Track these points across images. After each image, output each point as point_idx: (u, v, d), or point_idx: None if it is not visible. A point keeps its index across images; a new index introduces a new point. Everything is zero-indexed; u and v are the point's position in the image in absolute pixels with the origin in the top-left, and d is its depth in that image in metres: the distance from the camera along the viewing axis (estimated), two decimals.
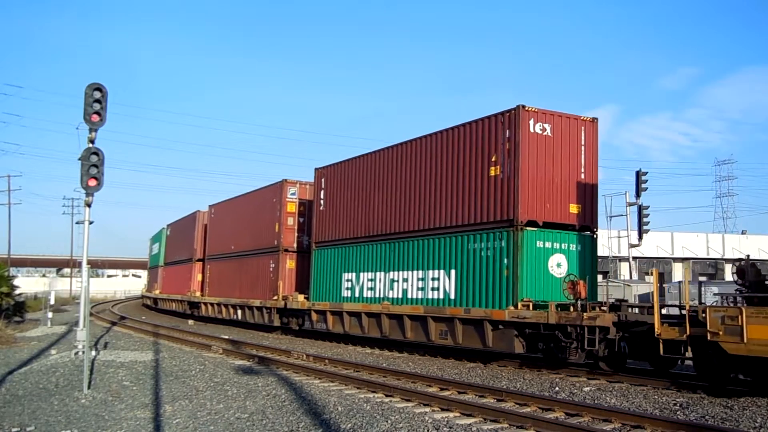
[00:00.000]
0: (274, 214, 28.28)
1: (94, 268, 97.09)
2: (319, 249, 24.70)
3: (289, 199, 27.89)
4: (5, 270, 34.23)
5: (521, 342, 16.09)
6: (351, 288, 22.41)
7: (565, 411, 10.75)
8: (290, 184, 27.96)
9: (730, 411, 10.74)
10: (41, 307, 41.86)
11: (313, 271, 24.83)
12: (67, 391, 13.25)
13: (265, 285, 28.12)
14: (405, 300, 19.83)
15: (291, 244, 27.59)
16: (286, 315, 26.63)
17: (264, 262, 28.64)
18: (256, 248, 29.65)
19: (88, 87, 15.76)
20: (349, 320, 22.07)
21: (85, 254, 16.25)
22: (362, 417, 10.41)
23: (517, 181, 16.44)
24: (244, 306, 30.15)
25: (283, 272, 27.17)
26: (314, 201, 25.53)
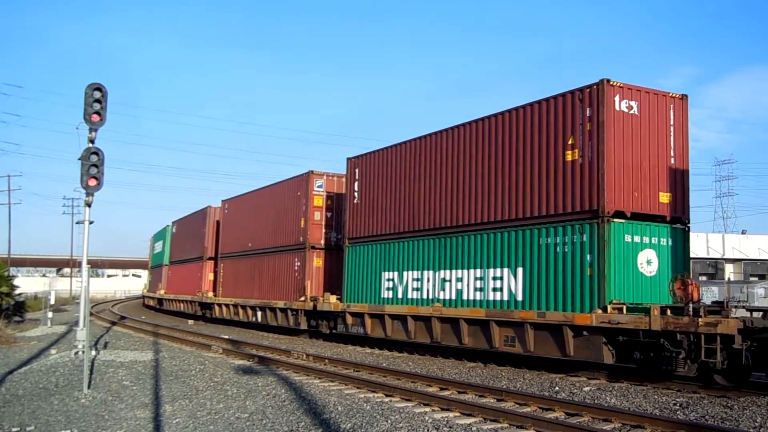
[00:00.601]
0: (298, 209, 26.27)
1: (94, 268, 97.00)
2: (353, 246, 22.51)
3: (316, 192, 25.83)
4: (5, 270, 34.19)
5: (610, 351, 14.08)
6: (393, 288, 20.27)
7: (565, 411, 10.75)
8: (317, 176, 25.89)
9: (730, 411, 10.74)
10: (41, 306, 41.87)
11: (346, 269, 22.64)
12: (67, 391, 13.25)
13: (290, 285, 26.26)
14: (460, 302, 17.78)
15: (318, 240, 25.61)
16: (316, 318, 24.45)
17: (288, 261, 26.69)
18: (279, 246, 27.71)
19: (88, 87, 15.76)
20: (392, 324, 20.04)
21: (85, 254, 16.25)
22: (362, 417, 10.41)
23: (602, 166, 14.45)
24: (265, 308, 28.05)
25: (310, 271, 25.16)
26: (347, 194, 23.21)
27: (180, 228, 44.38)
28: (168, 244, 47.30)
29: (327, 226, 25.89)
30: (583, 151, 15.00)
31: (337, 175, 26.08)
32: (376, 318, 20.81)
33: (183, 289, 40.61)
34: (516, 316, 15.99)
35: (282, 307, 26.41)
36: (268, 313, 27.95)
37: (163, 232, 50.01)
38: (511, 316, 16.13)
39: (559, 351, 14.97)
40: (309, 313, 24.71)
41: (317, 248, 25.62)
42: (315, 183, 25.90)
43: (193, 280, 38.14)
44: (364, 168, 22.52)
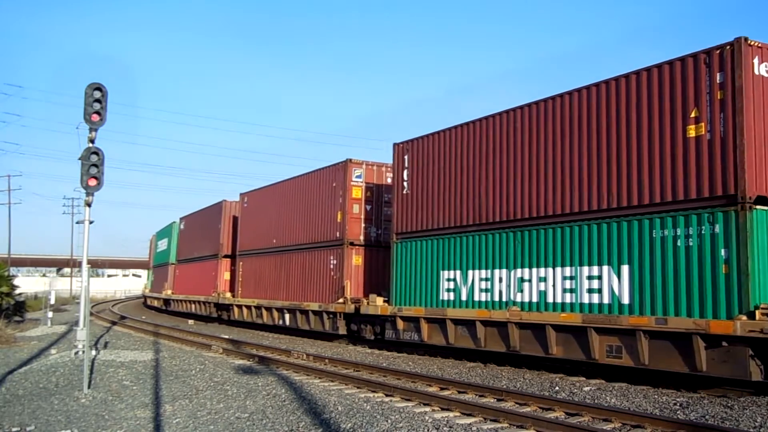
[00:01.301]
0: (334, 201, 23.76)
1: (94, 268, 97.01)
2: (403, 241, 19.87)
3: (354, 182, 23.23)
4: (5, 270, 34.22)
5: (758, 365, 11.62)
6: (455, 289, 17.69)
7: (565, 411, 10.75)
8: (355, 165, 23.30)
9: (730, 411, 10.74)
10: (41, 306, 41.88)
11: (395, 268, 19.98)
12: (67, 391, 13.25)
13: (325, 285, 23.83)
14: (543, 305, 15.24)
15: (357, 236, 23.11)
16: (357, 321, 21.96)
17: (322, 259, 24.26)
18: (311, 242, 25.20)
19: (88, 87, 15.76)
20: (455, 330, 17.51)
21: (85, 254, 16.25)
22: (362, 416, 10.41)
23: (739, 142, 12.01)
24: (295, 310, 25.35)
25: (348, 270, 22.72)
26: (394, 183, 20.58)
27: (189, 224, 41.77)
28: (174, 241, 44.80)
29: (366, 221, 23.40)
30: (712, 125, 12.54)
31: (377, 164, 23.77)
32: (435, 323, 18.25)
33: (194, 289, 37.99)
34: (624, 322, 13.34)
35: (316, 309, 23.83)
36: (298, 316, 25.30)
37: (169, 229, 47.52)
38: (618, 323, 13.46)
39: (685, 365, 12.45)
40: (349, 317, 22.35)
41: (356, 245, 23.13)
42: (353, 173, 23.26)
43: (207, 280, 35.63)
44: (415, 154, 19.78)
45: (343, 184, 23.39)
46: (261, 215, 30.02)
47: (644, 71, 13.79)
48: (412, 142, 19.99)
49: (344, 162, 23.40)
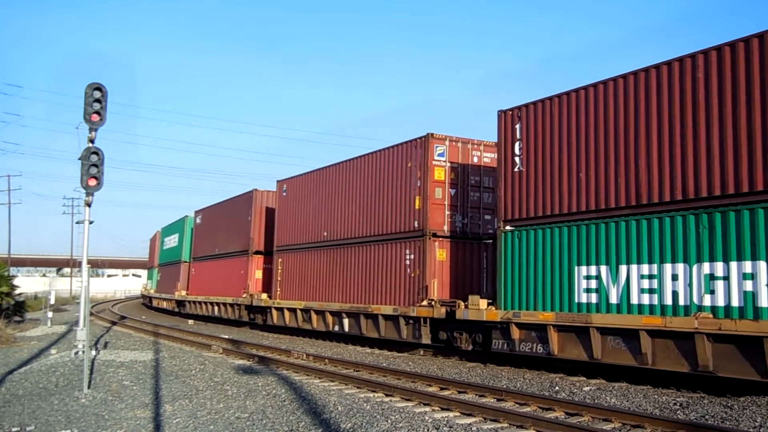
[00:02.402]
0: (410, 185, 19.93)
1: (94, 268, 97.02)
2: (516, 230, 16.08)
3: (437, 161, 19.43)
4: (5, 270, 34.23)
5: None
6: (599, 290, 14.03)
7: (565, 410, 10.75)
8: (437, 141, 19.54)
9: (730, 410, 10.74)
10: (41, 306, 41.89)
11: (503, 264, 16.20)
12: (67, 391, 13.25)
13: (399, 285, 19.95)
14: (751, 310, 11.48)
15: (440, 226, 19.29)
16: (449, 329, 18.13)
17: (395, 253, 20.32)
18: (378, 234, 21.33)
19: (88, 87, 15.77)
20: (603, 342, 13.79)
21: (85, 254, 16.26)
22: (362, 416, 10.41)
23: None
24: (358, 314, 21.63)
25: (431, 267, 18.95)
26: (501, 159, 16.63)
27: (208, 218, 37.79)
28: (188, 237, 41.21)
29: (451, 207, 19.57)
30: None
31: (461, 139, 19.97)
32: (570, 332, 14.52)
33: (217, 290, 33.94)
34: None
35: (389, 314, 19.98)
36: (363, 321, 21.46)
37: (179, 224, 43.77)
38: None
39: None
40: (436, 323, 18.53)
41: (440, 236, 19.27)
42: (435, 150, 19.45)
43: (235, 279, 31.64)
44: (530, 122, 16.06)
45: (422, 163, 19.47)
46: (305, 205, 26.20)
47: None
48: (526, 108, 16.21)
49: (424, 137, 19.52)
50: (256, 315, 29.68)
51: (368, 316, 21.24)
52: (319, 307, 23.96)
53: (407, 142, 20.39)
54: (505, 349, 16.11)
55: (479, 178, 20.03)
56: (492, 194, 19.65)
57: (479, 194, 20.05)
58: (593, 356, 13.94)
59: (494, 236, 18.18)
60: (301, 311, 25.47)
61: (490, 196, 20.00)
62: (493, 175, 19.55)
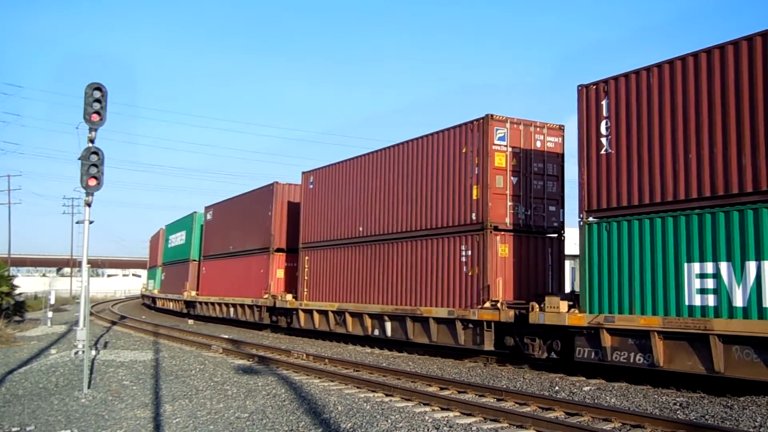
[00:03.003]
0: (466, 172, 17.87)
1: (94, 268, 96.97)
2: (602, 222, 14.05)
3: (497, 146, 17.36)
4: (5, 269, 34.23)
5: None
6: (718, 290, 11.94)
7: (565, 410, 10.75)
8: (498, 123, 17.47)
9: (730, 410, 10.74)
10: (41, 306, 41.90)
11: (587, 260, 14.10)
12: (67, 391, 13.25)
13: (453, 284, 17.90)
14: None
15: (502, 218, 17.29)
16: (519, 334, 16.08)
17: (447, 249, 18.24)
18: (426, 228, 19.20)
19: (88, 87, 15.78)
20: (728, 352, 11.74)
21: (85, 254, 16.26)
22: (362, 416, 10.41)
23: None
24: (404, 317, 19.38)
25: (493, 264, 16.92)
26: (583, 139, 14.49)
27: (221, 214, 35.50)
28: (197, 235, 39.08)
29: (513, 197, 17.56)
30: None
31: (523, 121, 17.95)
32: (682, 340, 12.45)
33: (234, 290, 31.67)
34: None
35: (443, 317, 17.88)
36: (409, 325, 19.28)
37: (187, 221, 41.48)
38: None
39: None
40: (501, 328, 16.52)
41: (502, 230, 17.29)
42: (495, 133, 17.42)
43: (254, 279, 29.53)
44: (620, 97, 13.98)
45: (481, 148, 17.42)
46: (336, 197, 24.02)
47: None
48: (615, 81, 14.10)
49: (483, 119, 17.46)
50: (280, 317, 27.39)
51: (416, 319, 19.05)
52: (355, 309, 21.72)
53: (462, 125, 18.19)
54: (593, 359, 13.93)
55: (542, 165, 18.02)
56: (556, 183, 18.20)
57: (543, 183, 18.01)
58: (713, 369, 11.83)
59: (559, 230, 17.89)
60: (333, 314, 23.08)
61: (554, 185, 18.19)
62: (557, 162, 18.24)
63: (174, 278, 43.41)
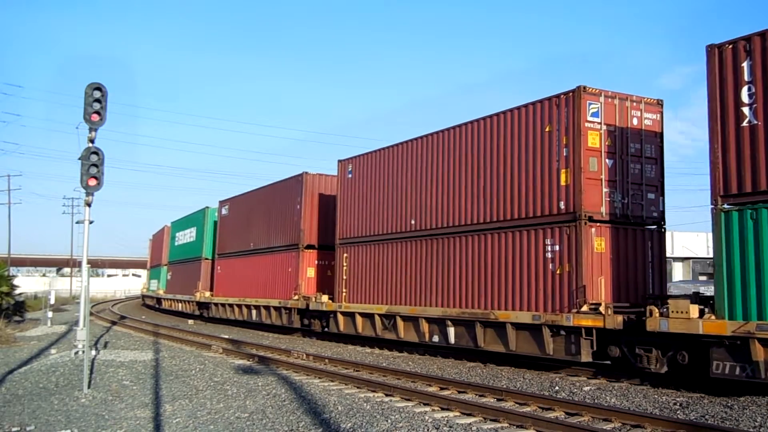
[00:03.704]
0: (551, 154, 15.49)
1: (94, 268, 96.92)
2: (745, 209, 11.66)
3: (590, 123, 15.00)
4: (5, 269, 34.24)
5: None
6: None
7: (565, 410, 10.75)
8: (591, 96, 15.11)
9: (730, 410, 10.74)
10: (41, 306, 41.92)
11: (725, 256, 11.78)
12: (67, 391, 13.25)
13: (536, 284, 15.40)
14: None
15: (597, 207, 14.87)
16: (628, 343, 13.77)
17: (528, 244, 15.73)
18: (501, 220, 16.64)
19: (88, 87, 15.78)
20: None
21: (85, 254, 16.25)
22: (362, 416, 10.41)
23: None
24: (473, 322, 16.81)
25: (588, 260, 14.48)
26: (718, 112, 12.18)
27: (238, 209, 33.01)
28: (209, 231, 36.79)
29: (609, 183, 15.16)
30: None
31: (619, 95, 15.53)
32: None
33: (256, 291, 29.32)
34: None
35: (526, 322, 15.42)
36: (479, 331, 16.75)
37: (198, 216, 39.08)
38: None
39: None
40: (605, 335, 14.01)
41: (597, 221, 14.88)
42: (588, 108, 15.06)
43: (280, 279, 27.22)
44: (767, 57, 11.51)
45: (571, 125, 15.09)
46: (381, 187, 21.50)
47: None
48: (761, 38, 11.69)
49: (574, 91, 15.11)
50: (313, 321, 24.91)
51: (488, 324, 16.57)
52: (409, 312, 19.19)
53: (544, 100, 15.79)
54: (739, 375, 11.34)
55: (640, 146, 15.67)
56: (655, 166, 15.86)
57: (640, 166, 15.65)
58: None
59: (660, 220, 15.66)
60: (381, 317, 20.52)
61: (652, 169, 15.85)
62: (655, 142, 15.83)
63: (182, 278, 41.08)
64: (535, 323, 15.19)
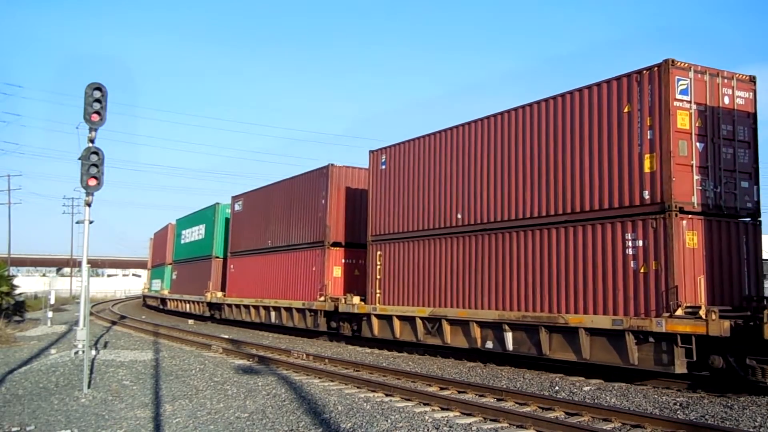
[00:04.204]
0: (631, 137, 13.79)
1: (94, 268, 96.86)
2: None
3: (679, 102, 13.37)
4: (5, 269, 34.26)
5: None
6: None
7: (565, 410, 10.75)
8: (680, 71, 13.45)
9: (730, 410, 10.74)
10: (41, 306, 41.93)
11: None
12: (67, 391, 13.25)
13: (614, 284, 13.72)
14: None
15: (687, 197, 13.20)
16: (732, 352, 12.08)
17: (604, 239, 14.07)
18: (568, 213, 14.99)
19: (88, 87, 15.78)
20: None
21: (85, 253, 16.25)
22: (362, 416, 10.41)
23: None
24: (537, 326, 15.14)
25: (679, 257, 12.83)
26: None
27: (254, 204, 31.26)
28: (220, 228, 35.31)
29: (700, 170, 13.54)
30: None
31: (709, 70, 13.89)
32: None
33: (275, 292, 27.69)
34: None
35: (603, 327, 13.70)
36: (543, 336, 15.06)
37: (207, 213, 37.46)
38: None
39: None
40: (708, 344, 12.21)
41: (688, 212, 13.21)
42: (678, 85, 13.43)
43: (303, 279, 25.63)
44: None
45: (657, 104, 13.43)
46: (420, 179, 19.73)
47: None
48: None
49: (661, 65, 13.43)
50: (343, 324, 23.18)
51: (554, 329, 14.94)
52: (458, 315, 17.46)
53: (622, 77, 14.15)
54: None
55: (732, 128, 14.01)
56: (748, 151, 14.15)
57: (733, 151, 13.97)
58: None
59: (755, 212, 14.08)
60: (423, 321, 18.82)
61: (746, 154, 14.16)
62: (747, 124, 14.26)
63: (190, 277, 39.34)
64: (615, 329, 13.40)
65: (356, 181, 24.92)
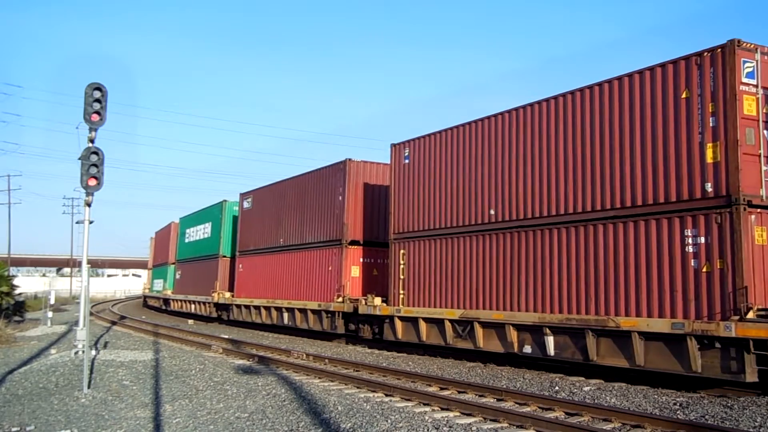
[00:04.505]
0: (690, 125, 12.72)
1: (94, 268, 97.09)
2: None
3: (746, 86, 12.22)
4: (5, 269, 34.27)
5: None
6: None
7: (565, 410, 10.75)
8: (746, 53, 12.30)
9: (730, 410, 10.73)
10: (41, 306, 41.89)
11: None
12: (67, 391, 13.25)
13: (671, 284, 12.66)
14: None
15: (755, 190, 12.13)
16: None
17: (660, 235, 12.97)
18: (617, 208, 13.83)
19: (88, 87, 15.76)
20: None
21: (85, 254, 16.25)
22: (362, 416, 10.41)
23: None
24: (583, 330, 14.06)
25: (748, 255, 11.79)
26: None
27: (263, 201, 30.17)
28: (228, 226, 34.39)
29: (765, 158, 12.39)
30: None
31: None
32: None
33: (288, 292, 26.71)
34: None
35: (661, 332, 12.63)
36: (590, 341, 13.95)
37: (214, 211, 36.40)
38: None
39: None
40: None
41: (757, 206, 12.10)
42: (742, 67, 12.24)
43: (318, 279, 24.64)
44: None
45: (720, 89, 12.34)
46: (448, 174, 18.60)
47: None
48: None
49: (725, 46, 12.33)
50: (363, 326, 22.10)
51: (603, 333, 13.76)
52: (493, 318, 16.35)
53: (678, 60, 13.05)
54: None
55: None
56: None
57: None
58: None
59: None
60: (452, 324, 17.69)
61: None
62: None
63: (195, 277, 38.22)
64: (675, 333, 12.31)
65: (374, 177, 24.08)
